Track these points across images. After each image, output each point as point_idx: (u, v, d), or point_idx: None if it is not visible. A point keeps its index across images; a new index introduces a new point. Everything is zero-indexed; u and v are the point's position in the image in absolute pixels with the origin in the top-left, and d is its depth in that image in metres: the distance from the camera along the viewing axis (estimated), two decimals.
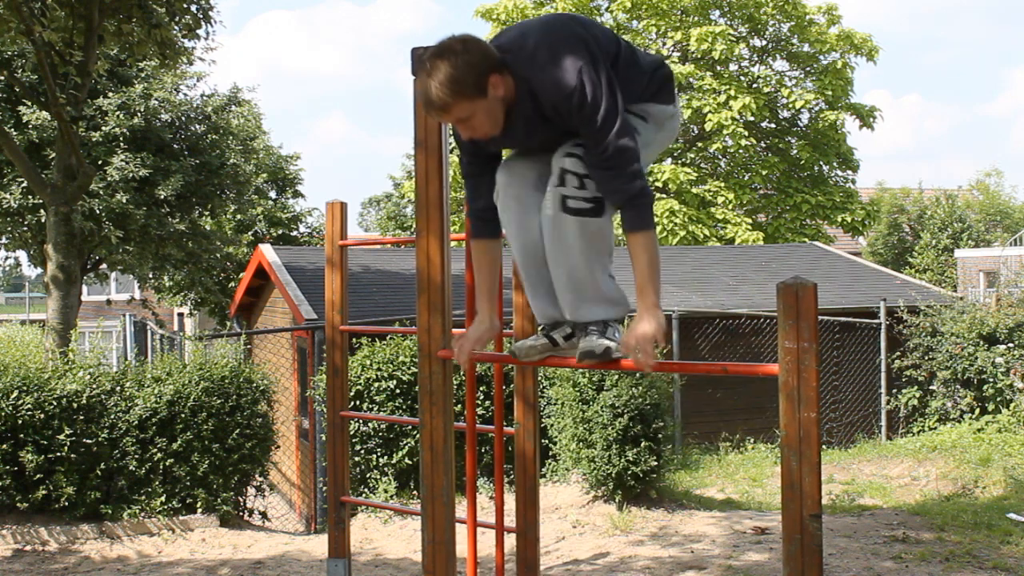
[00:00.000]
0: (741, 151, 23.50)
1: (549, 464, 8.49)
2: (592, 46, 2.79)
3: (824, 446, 11.93)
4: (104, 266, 16.79)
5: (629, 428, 7.29)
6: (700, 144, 25.00)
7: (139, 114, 14.25)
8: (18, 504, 6.95)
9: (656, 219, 22.39)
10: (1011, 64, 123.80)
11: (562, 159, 2.84)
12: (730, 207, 22.92)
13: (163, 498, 7.25)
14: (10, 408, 6.90)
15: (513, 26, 2.96)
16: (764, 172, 23.88)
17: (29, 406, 6.93)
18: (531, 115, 2.84)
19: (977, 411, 11.71)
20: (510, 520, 4.96)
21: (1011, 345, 11.69)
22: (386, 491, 8.13)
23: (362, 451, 8.24)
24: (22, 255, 17.32)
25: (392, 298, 11.85)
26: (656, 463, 7.45)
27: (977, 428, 11.38)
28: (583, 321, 2.92)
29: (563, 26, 2.83)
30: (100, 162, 13.91)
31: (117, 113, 14.12)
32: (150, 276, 17.98)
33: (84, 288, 16.57)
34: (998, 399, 11.56)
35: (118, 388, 7.39)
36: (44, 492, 6.94)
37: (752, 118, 23.07)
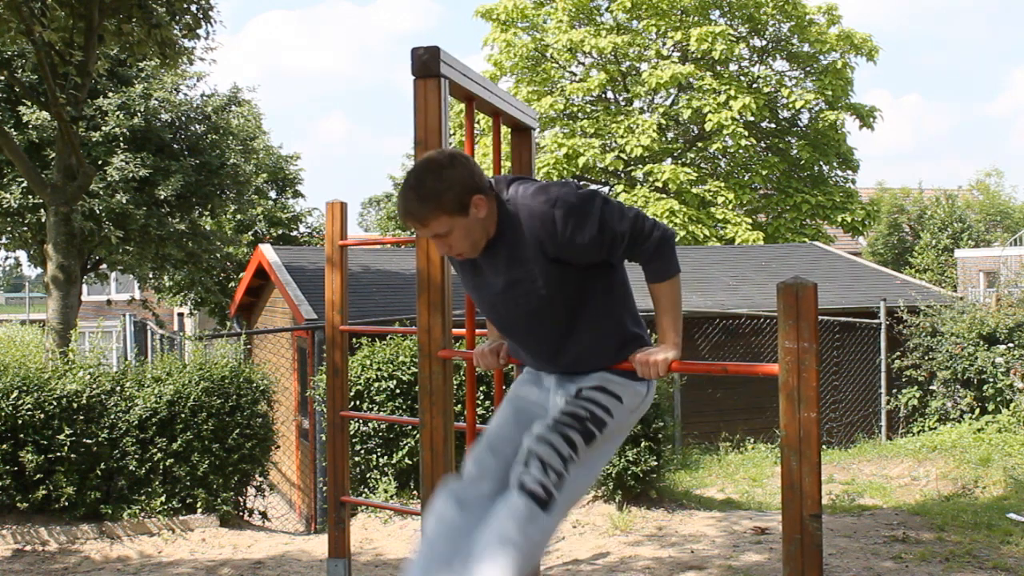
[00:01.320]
0: (741, 151, 23.51)
1: None
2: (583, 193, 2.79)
3: (824, 446, 11.93)
4: (104, 266, 16.79)
5: None
6: (700, 144, 25.01)
7: (139, 114, 14.25)
8: (18, 504, 6.94)
9: (656, 219, 22.72)
10: (1011, 64, 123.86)
11: (534, 442, 2.78)
12: (730, 207, 22.92)
13: (163, 498, 7.25)
14: (10, 408, 6.90)
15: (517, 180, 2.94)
16: (764, 172, 23.89)
17: (29, 406, 6.93)
18: (510, 250, 2.78)
19: (977, 411, 11.72)
20: None
21: (1011, 345, 11.69)
22: (386, 491, 8.12)
23: (362, 451, 8.24)
24: (22, 255, 17.31)
25: (392, 298, 11.85)
26: (656, 463, 7.45)
27: (977, 428, 11.38)
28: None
29: (571, 187, 2.82)
30: (100, 162, 13.91)
31: (117, 113, 14.12)
32: (150, 276, 17.99)
33: (84, 288, 16.58)
34: (998, 399, 11.56)
35: (118, 388, 7.39)
36: (44, 492, 6.94)
37: (752, 118, 23.08)
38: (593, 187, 3.02)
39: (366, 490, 8.25)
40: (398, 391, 8.28)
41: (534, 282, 2.77)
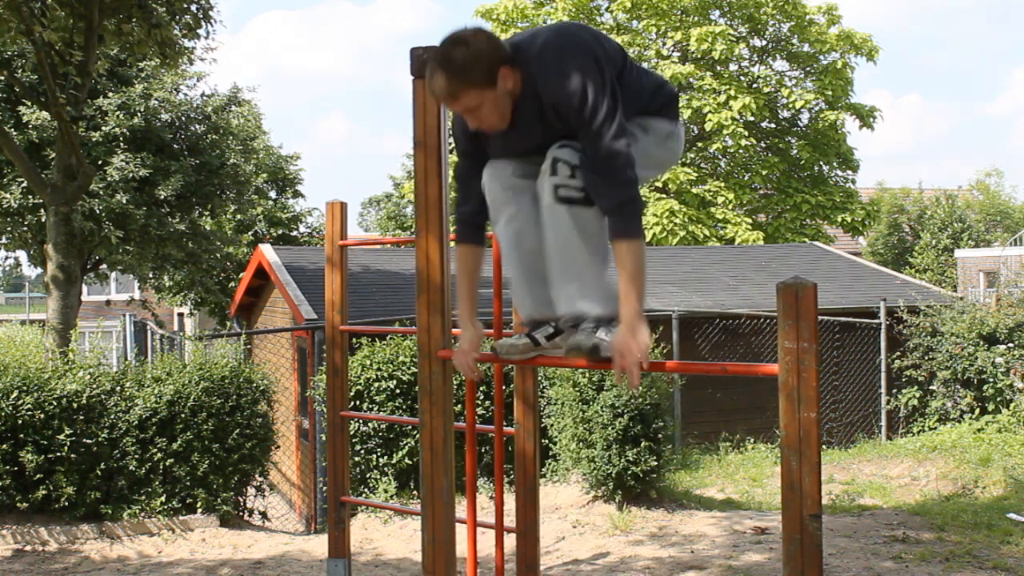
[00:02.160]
0: (741, 151, 23.51)
1: (549, 464, 8.49)
2: (599, 53, 2.81)
3: (824, 446, 11.93)
4: (104, 266, 16.79)
5: (629, 428, 7.29)
6: (700, 144, 25.00)
7: (139, 114, 14.25)
8: (18, 504, 6.95)
9: (656, 219, 22.46)
10: (1012, 64, 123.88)
11: (556, 149, 2.84)
12: (730, 207, 22.92)
13: (163, 498, 7.25)
14: (10, 408, 6.90)
15: (526, 30, 2.99)
16: (764, 172, 23.89)
17: (29, 406, 6.93)
18: (533, 114, 2.85)
19: (977, 411, 11.71)
20: (510, 520, 4.96)
21: (1011, 345, 11.68)
22: (386, 491, 8.12)
23: (362, 451, 8.23)
24: (22, 255, 17.32)
25: (392, 298, 11.85)
26: (656, 463, 7.45)
27: (977, 428, 11.38)
28: (580, 314, 2.86)
29: (573, 32, 2.86)
30: (100, 162, 13.91)
31: (117, 113, 14.12)
32: (150, 276, 18.00)
33: (84, 288, 16.57)
34: (998, 399, 11.56)
35: (118, 388, 7.39)
36: (44, 492, 6.94)
37: (752, 118, 23.08)
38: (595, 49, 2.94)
39: (366, 490, 8.25)
40: (398, 391, 8.28)
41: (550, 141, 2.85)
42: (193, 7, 9.88)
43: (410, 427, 8.13)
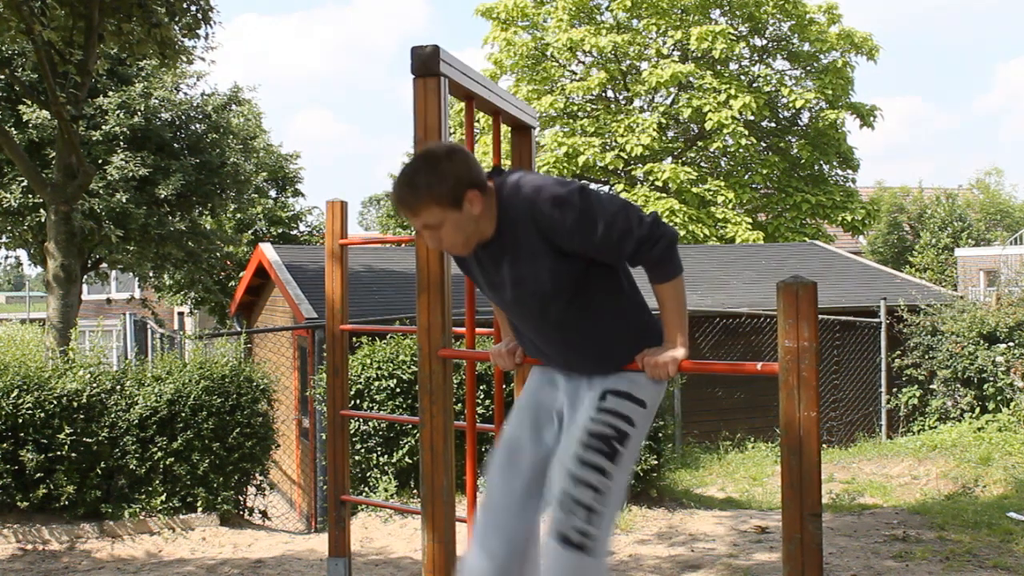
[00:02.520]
0: (741, 150, 23.51)
1: None
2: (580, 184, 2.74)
3: (824, 445, 11.93)
4: (104, 265, 16.79)
5: None
6: (700, 143, 25.01)
7: (139, 113, 14.25)
8: (18, 503, 6.95)
9: (656, 217, 22.79)
10: (1011, 63, 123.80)
11: (568, 480, 2.76)
12: (730, 206, 22.92)
13: (163, 497, 7.25)
14: (10, 407, 6.90)
15: (504, 170, 2.90)
16: (764, 171, 23.89)
17: (29, 405, 6.93)
18: (513, 248, 2.73)
19: (977, 410, 11.72)
20: None
21: (1011, 344, 11.69)
22: (386, 490, 8.12)
23: (362, 450, 8.24)
24: (23, 254, 17.33)
25: (392, 297, 11.85)
26: (656, 462, 7.45)
27: (977, 427, 11.38)
28: None
29: (549, 177, 2.78)
30: (100, 161, 13.91)
31: (117, 112, 14.12)
32: (150, 275, 18.00)
33: (84, 287, 16.58)
34: (998, 398, 11.56)
35: (118, 387, 7.39)
36: (44, 491, 6.94)
37: (752, 117, 23.08)
38: (589, 185, 2.94)
39: (366, 489, 8.25)
40: (398, 390, 8.28)
41: (539, 279, 2.72)
42: (193, 7, 9.88)
43: (410, 426, 8.13)
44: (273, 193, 25.69)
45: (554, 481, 2.82)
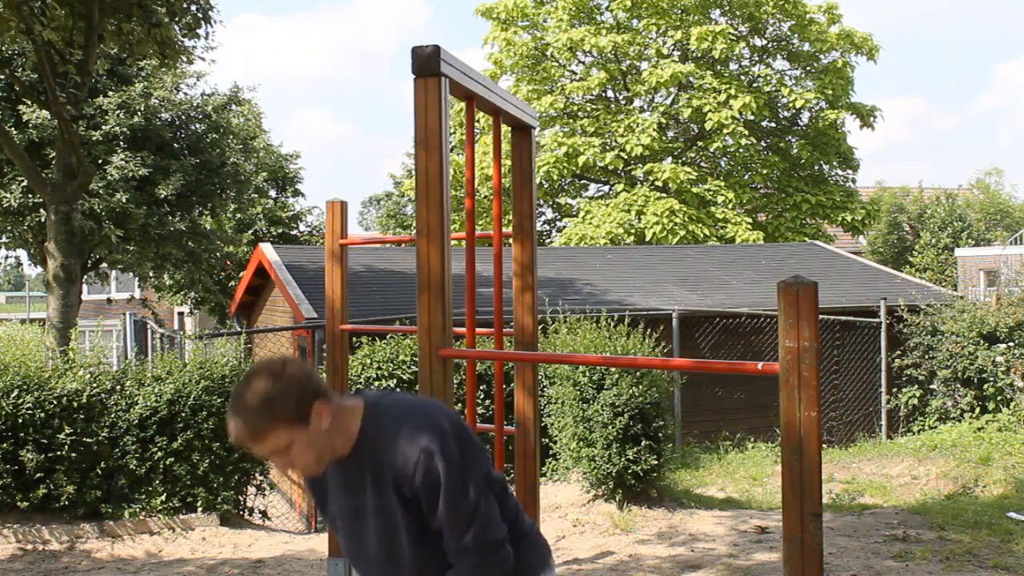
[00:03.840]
0: (741, 150, 23.51)
1: (549, 463, 8.49)
2: (447, 428, 2.44)
3: (824, 445, 11.93)
4: (104, 265, 16.80)
5: (629, 427, 7.29)
6: (700, 143, 25.00)
7: (139, 113, 14.26)
8: (19, 503, 6.95)
9: (656, 218, 22.43)
10: (1011, 63, 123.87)
11: None
12: (730, 206, 22.92)
13: (163, 497, 7.25)
14: (10, 407, 6.90)
15: (373, 393, 2.63)
16: (764, 171, 23.90)
17: (29, 405, 6.93)
18: (373, 473, 2.46)
19: (977, 410, 11.71)
20: None
21: (1011, 344, 11.68)
22: None
23: None
24: (23, 254, 17.34)
25: (392, 297, 11.85)
26: (656, 462, 7.45)
27: (977, 427, 11.38)
28: None
29: (414, 406, 2.52)
30: (100, 161, 13.91)
31: (117, 112, 14.12)
32: (150, 275, 18.00)
33: (84, 287, 16.58)
34: (998, 398, 11.56)
35: (118, 387, 7.39)
36: (45, 491, 6.94)
37: (752, 117, 23.08)
38: (455, 431, 2.72)
39: None
40: (398, 390, 8.29)
41: (393, 515, 2.46)
42: (193, 7, 9.88)
43: None
44: (273, 193, 25.69)
45: None
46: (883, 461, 10.62)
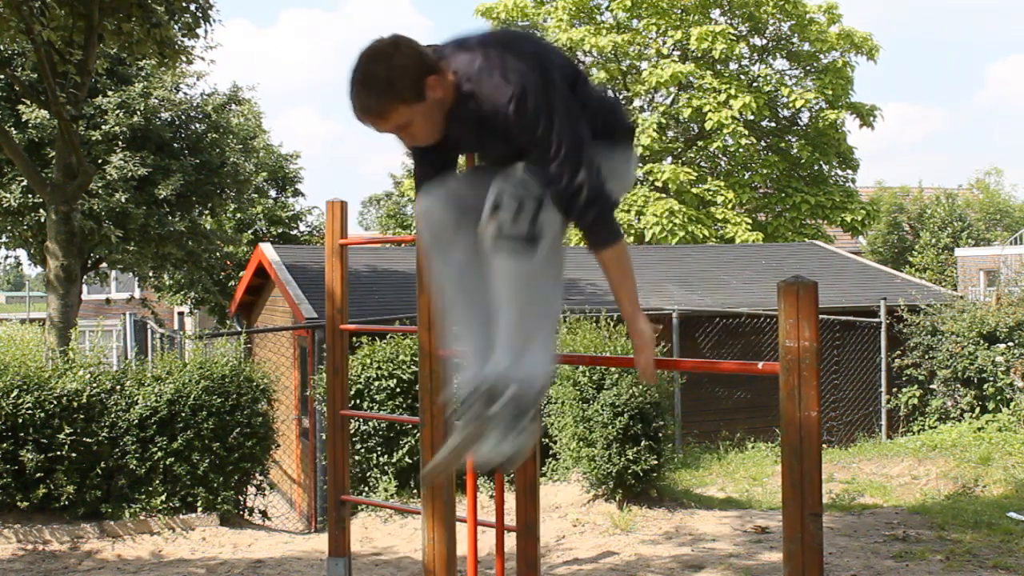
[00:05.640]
0: (741, 150, 23.51)
1: (549, 463, 8.49)
2: (544, 60, 2.55)
3: (824, 445, 11.93)
4: (104, 265, 16.79)
5: (629, 427, 7.29)
6: (700, 143, 24.99)
7: (139, 113, 14.25)
8: (19, 503, 6.94)
9: (656, 219, 22.44)
10: (1011, 62, 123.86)
11: (500, 181, 2.55)
12: (730, 206, 22.92)
13: (163, 497, 7.25)
14: (10, 407, 6.90)
15: (458, 34, 2.70)
16: (764, 171, 23.89)
17: (29, 405, 6.93)
18: (471, 120, 2.58)
19: (977, 410, 11.71)
20: (510, 519, 4.95)
21: (1011, 344, 11.68)
22: (386, 490, 8.13)
23: (362, 450, 8.24)
24: (22, 254, 17.35)
25: (392, 297, 11.85)
26: (656, 462, 7.45)
27: (977, 427, 11.38)
28: (513, 378, 2.53)
29: (511, 35, 2.67)
30: (100, 161, 13.91)
31: (117, 112, 14.12)
32: (150, 275, 17.99)
33: (84, 287, 16.58)
34: (998, 398, 11.56)
35: (118, 387, 7.38)
36: (44, 491, 6.94)
37: (752, 117, 23.07)
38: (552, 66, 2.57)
39: (366, 489, 8.25)
40: (398, 390, 8.29)
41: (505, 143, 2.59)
42: (192, 7, 9.88)
43: (410, 426, 8.13)
44: (273, 193, 25.68)
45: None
46: (883, 461, 10.62)
